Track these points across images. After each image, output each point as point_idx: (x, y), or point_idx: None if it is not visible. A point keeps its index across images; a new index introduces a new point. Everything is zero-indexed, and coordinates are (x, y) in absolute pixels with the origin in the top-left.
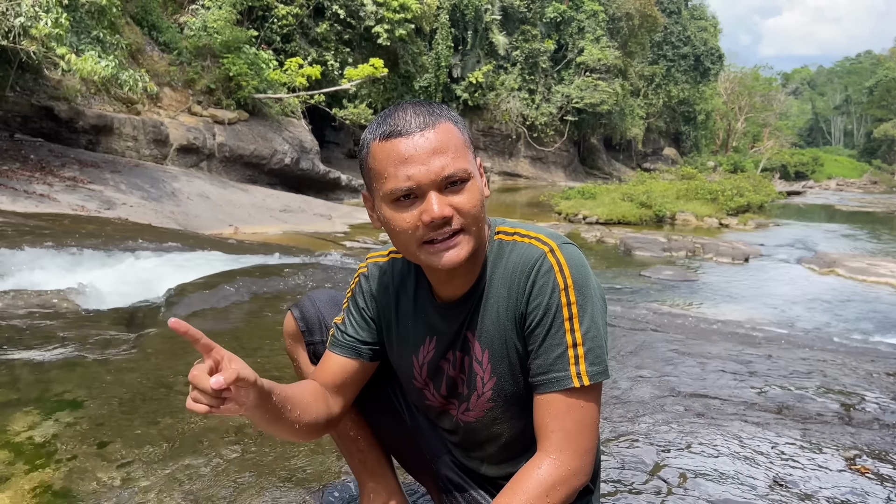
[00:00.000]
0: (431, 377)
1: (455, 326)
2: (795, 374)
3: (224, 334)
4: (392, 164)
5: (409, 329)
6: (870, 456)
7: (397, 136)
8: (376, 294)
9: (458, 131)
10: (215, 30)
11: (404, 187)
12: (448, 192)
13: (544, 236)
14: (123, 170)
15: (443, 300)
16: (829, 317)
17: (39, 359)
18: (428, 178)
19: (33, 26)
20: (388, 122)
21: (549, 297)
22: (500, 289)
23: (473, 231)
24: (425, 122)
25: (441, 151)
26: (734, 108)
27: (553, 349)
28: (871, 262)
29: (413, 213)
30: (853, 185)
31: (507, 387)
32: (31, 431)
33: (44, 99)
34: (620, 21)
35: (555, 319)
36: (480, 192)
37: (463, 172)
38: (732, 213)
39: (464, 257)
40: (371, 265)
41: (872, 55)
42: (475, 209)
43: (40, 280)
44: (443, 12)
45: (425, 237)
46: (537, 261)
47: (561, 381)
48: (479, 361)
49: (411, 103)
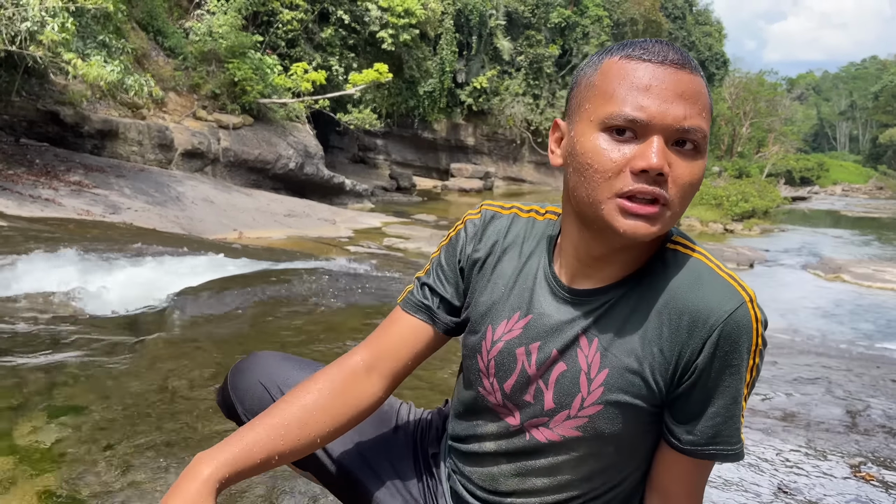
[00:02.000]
0: (499, 364)
1: (567, 318)
2: (800, 381)
3: (228, 339)
4: (627, 85)
5: (500, 293)
6: (875, 463)
7: (646, 60)
8: (481, 243)
9: (708, 95)
10: (220, 35)
11: (630, 115)
12: (674, 151)
13: (739, 278)
14: (128, 174)
15: (565, 282)
16: (834, 323)
17: (44, 363)
18: (663, 118)
19: (40, 31)
20: (638, 44)
21: (741, 357)
22: (661, 313)
23: (676, 212)
24: (682, 62)
25: (689, 99)
26: (739, 113)
27: (734, 419)
28: (877, 268)
29: (624, 151)
30: (859, 190)
31: (611, 424)
32: (36, 436)
33: (49, 104)
34: (625, 26)
35: (740, 383)
36: (703, 173)
37: (702, 136)
38: (737, 218)
39: (652, 233)
40: (486, 211)
41: (878, 60)
42: (689, 187)
43: (45, 284)
44: (447, 17)
45: (625, 188)
46: (737, 309)
47: (737, 454)
48: (588, 377)
49: (668, 41)
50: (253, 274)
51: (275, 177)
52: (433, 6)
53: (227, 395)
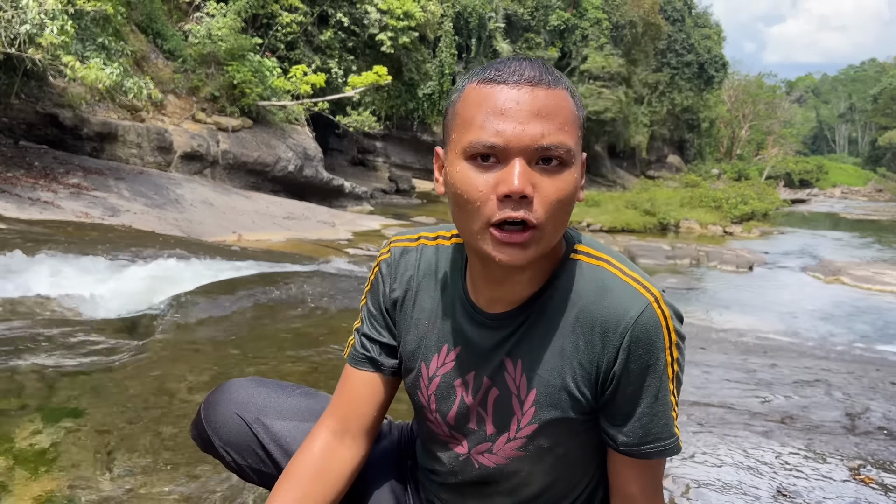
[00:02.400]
0: (439, 398)
1: (490, 343)
2: (800, 383)
3: (227, 342)
4: (484, 112)
5: (425, 329)
6: (874, 466)
7: (500, 83)
8: (396, 282)
9: (573, 105)
10: (220, 37)
11: (489, 143)
12: (538, 170)
13: (640, 276)
14: (127, 177)
15: (482, 307)
16: (833, 325)
17: (42, 366)
18: (520, 140)
19: (39, 34)
20: (496, 66)
21: (656, 357)
22: (574, 326)
23: (548, 232)
24: (539, 78)
25: (546, 116)
26: (738, 115)
27: (660, 414)
28: (876, 271)
29: (488, 178)
30: (858, 192)
31: (550, 439)
32: (34, 439)
33: (48, 106)
34: (624, 29)
35: (662, 381)
36: (575, 186)
37: (564, 150)
38: (737, 220)
39: (526, 260)
40: (395, 249)
41: (877, 63)
42: (559, 204)
43: (43, 287)
44: (446, 20)
45: (495, 216)
46: (642, 312)
47: (670, 449)
48: (519, 399)
49: (531, 59)
50: (252, 276)
51: (274, 179)
52: (432, 9)
53: (201, 428)
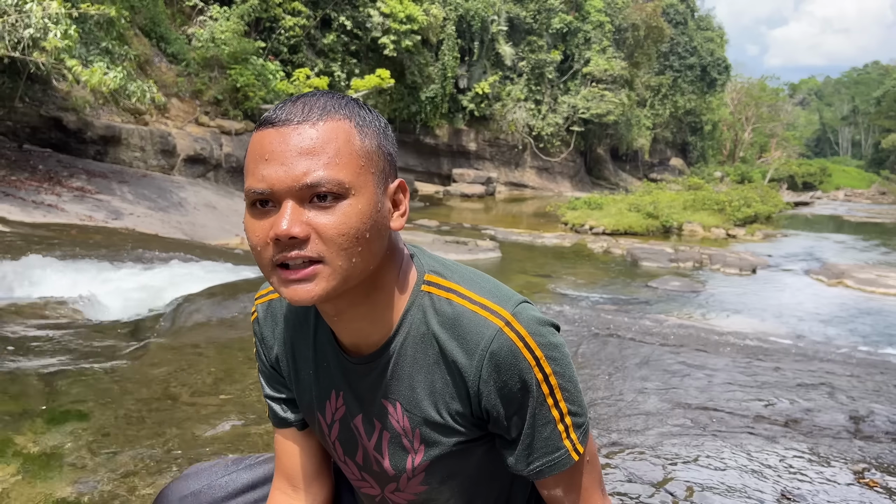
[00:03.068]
0: (343, 444)
1: (366, 388)
2: (803, 387)
3: (230, 346)
4: (254, 158)
5: (310, 380)
6: (879, 469)
7: (269, 126)
8: (268, 340)
9: (353, 133)
10: (223, 41)
11: (257, 189)
12: (312, 207)
13: (489, 301)
14: (131, 180)
15: (350, 351)
16: (837, 328)
17: (46, 369)
18: (284, 182)
19: (43, 38)
20: (274, 109)
21: (521, 380)
22: (434, 365)
23: (339, 265)
24: (307, 115)
25: (312, 153)
26: (741, 118)
27: (540, 430)
28: (879, 274)
29: (265, 223)
30: (861, 195)
31: (447, 469)
32: (38, 441)
33: (52, 110)
34: (627, 32)
35: (536, 401)
36: (363, 216)
37: (335, 185)
38: (740, 223)
39: (316, 296)
40: (260, 307)
41: (880, 66)
42: (343, 237)
43: (47, 290)
44: (449, 23)
45: (275, 258)
46: (492, 342)
47: (560, 462)
48: (408, 439)
49: (316, 93)
50: (254, 279)
51: None
52: (435, 12)
53: None
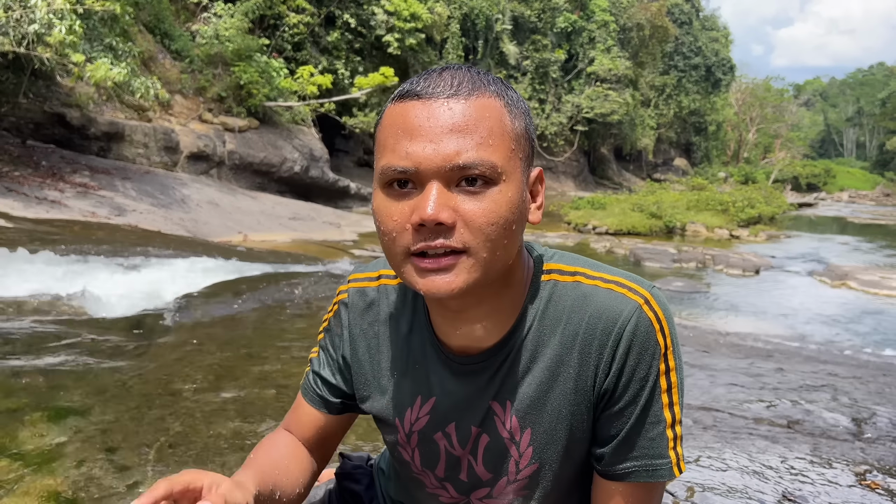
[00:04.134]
0: (424, 453)
1: (472, 391)
2: (806, 388)
3: (232, 342)
4: (394, 133)
5: (392, 383)
6: (880, 471)
7: (413, 98)
8: (355, 330)
9: (504, 113)
10: (227, 38)
11: (399, 167)
12: (460, 191)
13: (626, 280)
14: (134, 176)
15: (456, 351)
16: (840, 330)
17: (47, 365)
18: (432, 161)
19: (47, 34)
20: (414, 80)
21: (648, 365)
22: (559, 350)
23: (483, 257)
24: (457, 90)
25: (463, 131)
26: (746, 118)
27: (649, 429)
28: (883, 275)
29: (404, 207)
30: (866, 197)
31: (553, 474)
32: (39, 438)
33: (56, 106)
34: (631, 31)
35: (653, 393)
36: (513, 205)
37: (488, 167)
38: (743, 224)
39: (457, 288)
40: (353, 291)
41: (885, 67)
42: (491, 227)
43: (50, 286)
44: (453, 22)
45: (414, 246)
46: (631, 317)
47: (660, 471)
48: (514, 442)
49: (456, 66)
50: (257, 277)
51: (280, 180)
52: (439, 10)
53: None
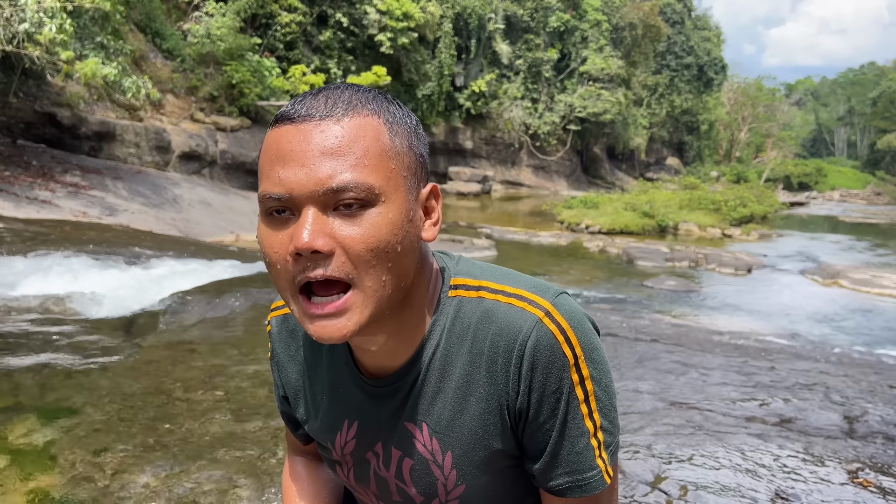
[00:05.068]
0: (357, 475)
1: (387, 412)
2: (798, 386)
3: (224, 343)
4: (270, 159)
5: (322, 407)
6: (872, 469)
7: (288, 122)
8: (283, 357)
9: (382, 131)
10: (219, 37)
11: (273, 194)
12: (337, 216)
13: (528, 292)
14: (125, 176)
15: (370, 374)
16: (832, 328)
17: (39, 365)
18: (304, 186)
19: (38, 32)
20: (292, 103)
21: (558, 379)
22: (468, 369)
23: (369, 287)
24: (331, 111)
25: (337, 153)
26: (737, 118)
27: (574, 443)
28: (874, 274)
29: (283, 236)
30: (857, 196)
31: (486, 493)
32: (30, 437)
33: (47, 105)
34: (624, 31)
35: (569, 406)
36: (395, 227)
37: (363, 189)
38: (736, 223)
39: (349, 332)
40: (275, 320)
41: (876, 66)
42: (371, 252)
43: (41, 286)
44: (446, 21)
45: (296, 279)
46: (531, 332)
47: (591, 484)
48: (437, 464)
49: (340, 85)
50: (249, 277)
51: None
52: (432, 9)
53: None
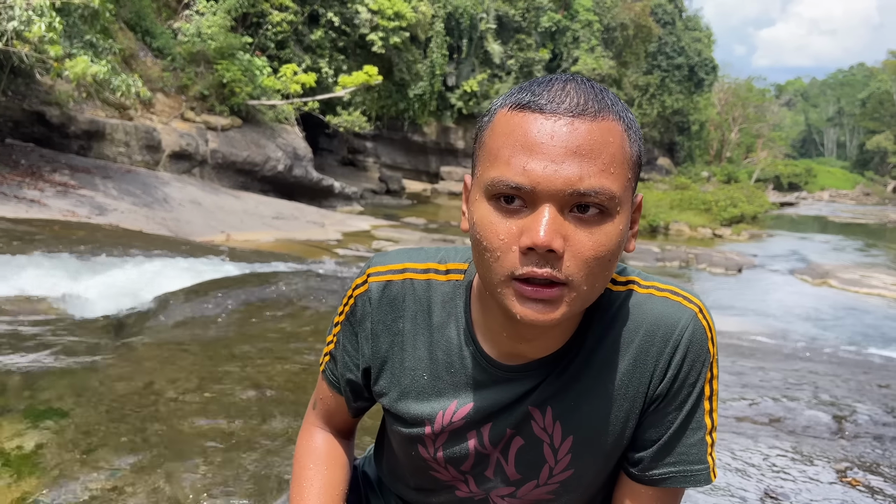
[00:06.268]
0: (449, 453)
1: (511, 396)
2: (787, 386)
3: (214, 343)
4: (512, 144)
5: (421, 384)
6: (861, 468)
7: (536, 111)
8: (378, 326)
9: (625, 139)
10: (209, 36)
11: (513, 182)
12: (573, 219)
13: (680, 289)
14: (115, 175)
15: (499, 358)
16: (821, 328)
17: (26, 366)
18: (552, 183)
19: (27, 30)
20: (534, 89)
21: (698, 373)
22: (611, 356)
23: (584, 290)
24: (583, 107)
25: (587, 155)
26: (728, 118)
27: (690, 435)
28: (863, 274)
29: (512, 225)
30: (846, 196)
31: (585, 480)
32: (17, 439)
33: (35, 104)
34: (615, 31)
35: (699, 399)
36: (621, 238)
37: (607, 196)
38: (726, 223)
39: (554, 321)
40: (374, 285)
41: (865, 67)
42: (597, 261)
43: (29, 286)
44: (438, 20)
45: (520, 270)
46: (689, 325)
47: (697, 476)
48: (551, 447)
49: (581, 78)
50: (240, 276)
51: (263, 179)
52: (423, 9)
53: None
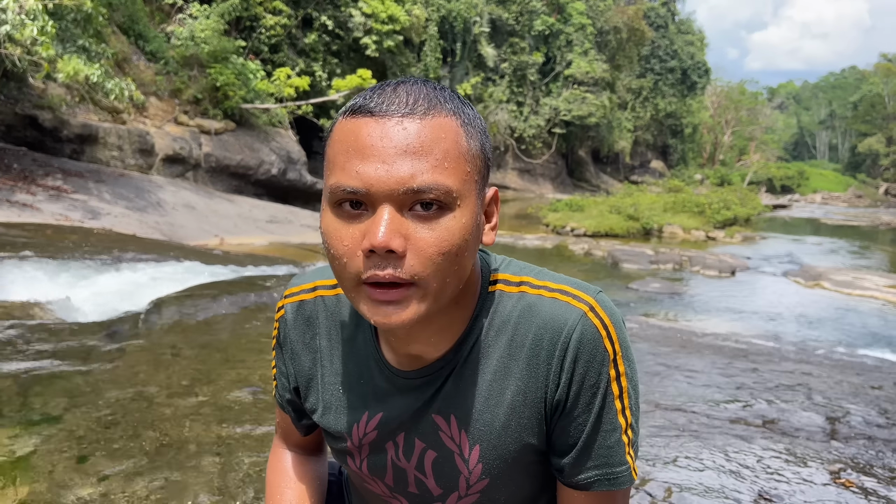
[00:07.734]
0: (372, 466)
1: (415, 405)
2: (781, 388)
3: (208, 346)
4: (346, 150)
5: (338, 398)
6: (854, 469)
7: (366, 115)
8: (297, 345)
9: (461, 134)
10: (203, 39)
11: (349, 187)
12: (413, 217)
13: (571, 287)
14: (108, 179)
15: (399, 366)
16: (814, 330)
17: (19, 371)
18: (385, 183)
19: (19, 33)
20: (367, 94)
21: (597, 373)
22: (506, 362)
23: (433, 288)
24: (412, 107)
25: (419, 153)
26: (721, 121)
27: (606, 437)
28: (856, 276)
29: (355, 230)
30: (838, 198)
31: (507, 488)
32: (10, 445)
33: (28, 107)
34: (608, 34)
35: (605, 400)
36: (466, 232)
37: (443, 191)
38: (719, 225)
39: (407, 321)
40: (289, 307)
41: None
42: (442, 256)
43: (21, 291)
44: (431, 24)
45: (363, 274)
46: (577, 326)
47: (620, 478)
48: (462, 457)
49: (414, 80)
50: (233, 280)
51: (257, 182)
52: (417, 13)
53: None
